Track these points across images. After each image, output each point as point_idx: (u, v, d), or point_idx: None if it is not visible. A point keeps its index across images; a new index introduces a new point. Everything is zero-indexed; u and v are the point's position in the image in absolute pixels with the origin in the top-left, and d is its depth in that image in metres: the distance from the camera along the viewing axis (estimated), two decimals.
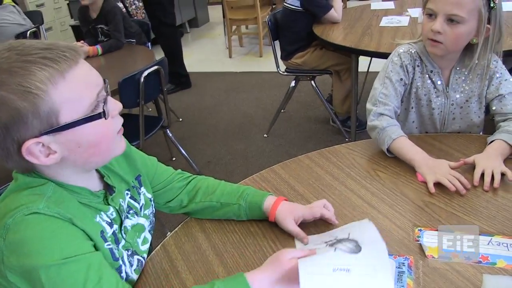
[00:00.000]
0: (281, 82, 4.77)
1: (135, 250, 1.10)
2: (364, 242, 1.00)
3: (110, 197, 1.05)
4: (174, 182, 1.30)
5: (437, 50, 1.53)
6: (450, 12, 1.44)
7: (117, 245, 1.04)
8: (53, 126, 0.86)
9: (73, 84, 0.87)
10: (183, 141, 3.76)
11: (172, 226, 1.28)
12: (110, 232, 1.02)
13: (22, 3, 5.75)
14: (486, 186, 1.29)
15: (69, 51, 0.87)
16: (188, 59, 5.64)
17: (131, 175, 1.17)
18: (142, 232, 1.16)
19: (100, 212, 1.01)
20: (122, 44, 3.40)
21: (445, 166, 1.35)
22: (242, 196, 1.23)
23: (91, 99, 0.89)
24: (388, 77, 1.61)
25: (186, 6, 7.31)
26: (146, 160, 1.25)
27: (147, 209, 1.19)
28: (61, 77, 0.85)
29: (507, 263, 1.02)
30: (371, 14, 3.54)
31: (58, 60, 0.85)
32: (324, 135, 3.70)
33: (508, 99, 1.54)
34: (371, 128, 1.56)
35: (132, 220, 1.12)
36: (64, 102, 0.85)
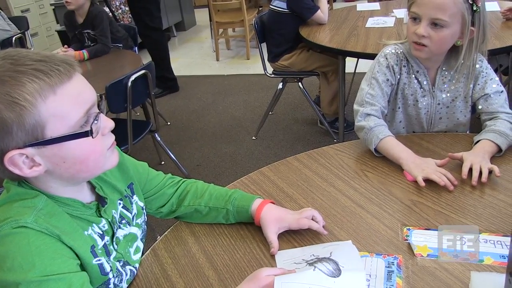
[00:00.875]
0: (268, 84, 4.78)
1: (126, 261, 1.09)
2: (345, 266, 1.01)
3: (103, 209, 1.03)
4: (165, 187, 1.29)
5: (421, 54, 1.55)
6: (434, 16, 1.46)
7: (108, 257, 1.03)
8: (38, 139, 0.85)
9: (63, 99, 0.85)
10: (171, 145, 3.76)
11: (162, 230, 1.29)
12: (101, 244, 1.01)
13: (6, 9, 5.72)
14: (474, 180, 1.30)
15: (63, 65, 0.86)
16: (175, 62, 5.64)
17: (124, 183, 1.15)
18: (135, 241, 1.15)
19: (92, 224, 1.00)
20: (108, 48, 3.39)
21: (432, 164, 1.37)
22: (230, 200, 1.23)
23: (79, 116, 0.88)
24: (374, 77, 1.62)
25: (172, 10, 7.30)
26: (137, 167, 1.23)
27: (139, 218, 1.18)
28: (51, 91, 0.84)
29: (494, 260, 1.03)
30: (357, 15, 3.56)
31: (50, 74, 0.84)
32: (312, 137, 3.71)
33: (494, 98, 1.56)
34: (359, 128, 1.57)
35: (124, 230, 1.11)
36: (52, 117, 0.84)
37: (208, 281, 1.07)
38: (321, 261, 1.03)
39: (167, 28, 7.05)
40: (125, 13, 5.76)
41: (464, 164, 1.35)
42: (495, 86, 1.58)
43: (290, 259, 1.10)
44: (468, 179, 1.32)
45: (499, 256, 1.04)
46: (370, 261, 1.06)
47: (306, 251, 1.12)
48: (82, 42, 3.48)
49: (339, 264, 1.02)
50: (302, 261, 1.06)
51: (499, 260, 1.03)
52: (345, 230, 1.19)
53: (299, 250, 1.13)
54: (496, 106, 1.55)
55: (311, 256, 1.08)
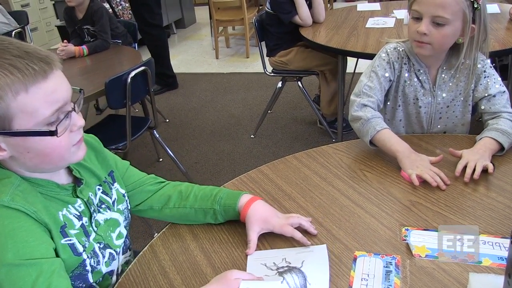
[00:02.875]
0: (268, 83, 4.78)
1: (107, 244, 1.11)
2: (312, 282, 1.01)
3: (78, 189, 1.06)
4: (145, 185, 1.29)
5: (424, 51, 1.55)
6: (435, 13, 1.46)
7: (87, 237, 1.05)
8: (5, 129, 0.87)
9: (35, 98, 0.87)
10: (170, 142, 3.76)
11: (160, 227, 1.28)
12: (78, 225, 1.02)
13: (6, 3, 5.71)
14: (467, 177, 1.31)
15: (40, 64, 0.87)
16: (175, 60, 5.64)
17: (103, 170, 1.18)
18: (117, 227, 1.17)
19: (67, 205, 1.02)
20: (108, 44, 3.38)
21: (426, 161, 1.38)
22: (216, 199, 1.21)
23: (48, 115, 0.89)
24: (374, 71, 1.63)
25: (172, 7, 7.29)
26: (117, 161, 1.25)
27: (120, 204, 1.19)
28: (24, 89, 0.85)
29: (492, 261, 1.03)
30: (357, 16, 3.56)
31: (25, 72, 0.85)
32: (311, 136, 3.71)
33: (497, 99, 1.56)
34: (355, 118, 1.57)
35: (104, 214, 1.13)
36: (20, 112, 0.86)
37: (206, 278, 1.06)
38: (291, 271, 1.03)
39: (167, 25, 7.04)
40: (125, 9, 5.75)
41: (460, 161, 1.36)
42: (498, 86, 1.58)
43: (261, 259, 1.09)
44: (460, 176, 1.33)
45: (498, 257, 1.04)
46: (368, 261, 1.06)
47: (279, 253, 1.11)
48: (82, 37, 3.47)
49: (307, 279, 1.01)
50: (273, 265, 1.06)
51: (497, 261, 1.03)
52: (343, 229, 1.18)
53: (272, 252, 1.12)
54: (499, 106, 1.55)
55: (282, 261, 1.07)
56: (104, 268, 1.09)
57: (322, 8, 3.42)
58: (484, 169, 1.33)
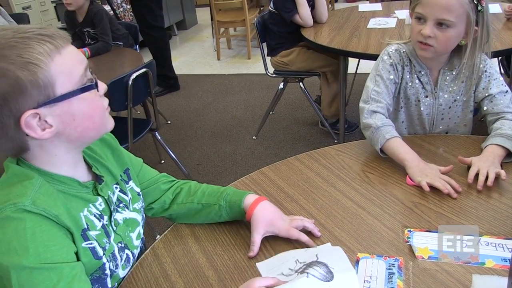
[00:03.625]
0: (269, 84, 4.78)
1: (126, 244, 1.11)
2: (335, 267, 1.01)
3: (99, 186, 1.06)
4: (159, 183, 1.30)
5: (427, 54, 1.54)
6: (440, 16, 1.46)
7: (109, 238, 1.04)
8: (50, 97, 0.89)
9: (67, 59, 0.92)
10: (171, 143, 3.76)
11: (162, 229, 1.28)
12: (99, 225, 1.02)
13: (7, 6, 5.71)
14: (480, 185, 1.29)
15: (62, 32, 0.94)
16: (176, 61, 5.63)
17: (119, 168, 1.18)
18: (137, 226, 1.17)
19: (88, 204, 1.02)
20: (110, 47, 3.38)
21: (435, 170, 1.36)
22: (222, 196, 1.22)
23: (81, 73, 0.94)
24: (379, 75, 1.62)
25: (174, 9, 7.29)
26: (131, 158, 1.26)
27: (136, 202, 1.19)
28: (57, 52, 0.90)
29: (495, 263, 1.03)
30: (359, 16, 3.55)
31: (54, 37, 0.90)
32: (313, 137, 3.71)
33: (499, 99, 1.56)
34: (365, 126, 1.56)
35: (123, 213, 1.12)
36: (59, 73, 0.90)
37: (208, 281, 1.06)
38: (311, 266, 1.02)
39: (169, 26, 7.05)
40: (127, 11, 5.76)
41: (471, 169, 1.34)
42: (500, 86, 1.57)
43: (275, 268, 1.07)
44: (473, 183, 1.32)
45: (501, 259, 1.03)
46: (371, 263, 1.06)
47: (288, 256, 1.10)
48: (83, 40, 3.47)
49: (329, 266, 1.01)
50: (290, 271, 1.04)
51: (501, 263, 1.02)
52: (345, 231, 1.18)
53: (279, 258, 1.11)
54: (502, 106, 1.54)
55: (296, 263, 1.06)
56: (121, 271, 1.08)
57: (324, 8, 3.42)
58: (497, 176, 1.31)
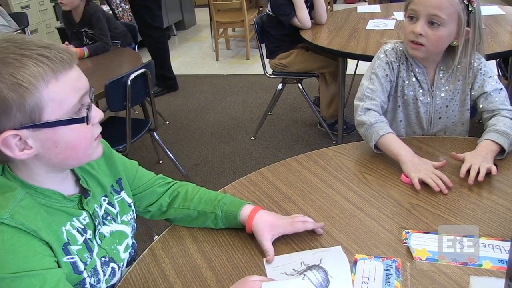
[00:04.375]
0: (268, 85, 4.78)
1: (111, 257, 1.09)
2: (333, 277, 1.01)
3: (85, 200, 1.04)
4: (155, 186, 1.28)
5: (418, 53, 1.57)
6: (432, 12, 1.48)
7: (91, 253, 1.03)
8: (35, 121, 0.87)
9: (63, 85, 0.88)
10: (170, 144, 3.76)
11: (160, 229, 1.28)
12: (80, 240, 1.01)
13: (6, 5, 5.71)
14: (471, 179, 1.31)
15: (66, 54, 0.89)
16: (175, 61, 5.63)
17: (112, 178, 1.16)
18: (125, 239, 1.15)
19: (72, 218, 1.00)
20: (109, 46, 3.38)
21: (429, 165, 1.37)
22: (219, 205, 1.21)
23: (74, 102, 0.90)
24: (374, 73, 1.64)
25: (173, 9, 7.29)
26: (126, 163, 1.24)
27: (125, 214, 1.18)
28: (54, 77, 0.87)
29: (493, 264, 1.03)
30: (358, 17, 3.56)
31: (54, 60, 0.87)
32: (311, 138, 3.71)
33: (494, 96, 1.57)
34: (359, 123, 1.57)
35: (110, 226, 1.11)
36: (51, 101, 0.87)
37: (205, 282, 1.06)
38: (311, 268, 1.03)
39: (167, 27, 7.04)
40: (125, 11, 5.76)
41: (464, 164, 1.36)
42: (494, 83, 1.59)
43: (280, 267, 1.08)
44: (466, 183, 1.33)
45: (498, 260, 1.04)
46: (369, 264, 1.06)
47: (295, 257, 1.10)
48: (81, 40, 3.47)
49: (328, 273, 1.02)
50: (293, 271, 1.05)
51: (498, 264, 1.02)
52: (343, 232, 1.18)
53: (287, 257, 1.11)
54: (497, 103, 1.56)
55: (301, 265, 1.06)
56: (104, 285, 1.07)
57: (324, 10, 3.42)
58: (488, 171, 1.32)
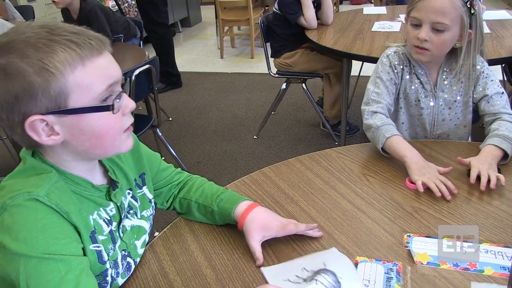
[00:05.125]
0: (272, 84, 4.77)
1: (129, 252, 1.09)
2: (343, 277, 1.01)
3: (113, 192, 1.04)
4: (173, 183, 1.30)
5: (423, 57, 1.58)
6: (435, 20, 1.49)
7: (114, 244, 1.03)
8: (61, 107, 0.87)
9: (90, 72, 0.88)
10: (172, 140, 3.76)
11: (160, 226, 1.28)
12: (106, 230, 1.01)
13: None
14: (483, 185, 1.30)
15: (96, 40, 0.90)
16: (180, 58, 5.63)
17: (136, 172, 1.16)
18: (143, 234, 1.15)
19: (99, 208, 1.01)
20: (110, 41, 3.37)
21: (434, 170, 1.37)
22: (217, 200, 1.20)
23: (102, 89, 0.90)
24: (379, 77, 1.65)
25: (178, 6, 7.29)
26: (151, 156, 1.24)
27: (145, 210, 1.18)
28: (81, 63, 0.86)
29: (494, 270, 1.02)
30: (363, 19, 3.55)
31: (82, 46, 0.87)
32: (314, 138, 3.71)
33: (495, 99, 1.58)
34: (367, 127, 1.58)
35: (131, 220, 1.11)
36: (77, 87, 0.86)
37: (205, 280, 1.06)
38: (319, 273, 1.02)
39: (173, 23, 7.04)
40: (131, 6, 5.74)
41: (472, 170, 1.35)
42: (496, 87, 1.60)
43: (281, 274, 1.05)
44: (469, 188, 1.33)
45: (500, 267, 1.03)
46: (370, 267, 1.06)
47: (295, 264, 1.08)
48: None
49: (337, 275, 1.01)
50: (297, 278, 1.03)
51: (500, 271, 1.02)
52: (345, 234, 1.18)
53: (287, 264, 1.09)
54: (498, 107, 1.56)
55: (303, 270, 1.05)
56: (120, 280, 1.06)
57: (331, 10, 3.42)
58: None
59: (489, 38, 2.69)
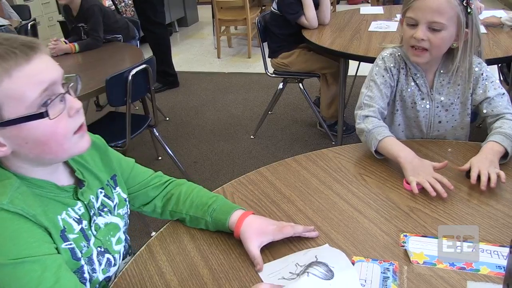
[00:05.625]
0: (269, 83, 4.77)
1: (106, 248, 1.09)
2: (335, 266, 1.00)
3: (80, 191, 1.04)
4: (149, 187, 1.27)
5: (421, 59, 1.56)
6: (431, 19, 1.48)
7: (88, 241, 1.03)
8: None
9: (19, 81, 0.85)
10: (169, 140, 3.75)
11: (157, 226, 1.28)
12: (77, 229, 1.01)
13: None
14: (483, 185, 1.29)
15: (21, 48, 0.86)
16: (176, 58, 5.62)
17: (107, 174, 1.16)
18: (117, 231, 1.15)
19: (67, 207, 1.01)
20: (100, 43, 3.37)
21: (428, 168, 1.36)
22: (208, 211, 1.19)
23: (34, 96, 0.87)
24: (372, 80, 1.64)
25: (175, 5, 7.29)
26: (121, 161, 1.23)
27: (121, 208, 1.18)
28: (6, 74, 0.84)
29: (490, 270, 1.03)
30: (360, 19, 3.56)
31: (5, 57, 0.84)
32: (311, 138, 3.71)
33: (497, 101, 1.57)
34: (359, 131, 1.58)
35: (105, 218, 1.11)
36: (7, 98, 0.85)
37: (202, 280, 1.06)
38: (311, 265, 1.01)
39: (169, 23, 7.04)
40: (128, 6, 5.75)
41: (472, 170, 1.34)
42: (496, 88, 1.59)
43: (275, 273, 1.06)
44: (465, 187, 1.33)
45: (496, 266, 1.03)
46: (366, 267, 1.06)
47: (288, 260, 1.09)
48: (79, 35, 3.46)
49: (329, 265, 1.01)
50: (290, 275, 1.04)
51: (495, 270, 1.02)
52: (341, 234, 1.18)
53: (280, 262, 1.09)
54: (501, 108, 1.56)
55: (296, 266, 1.05)
56: (101, 275, 1.06)
57: (328, 11, 3.42)
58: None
59: (486, 38, 2.70)
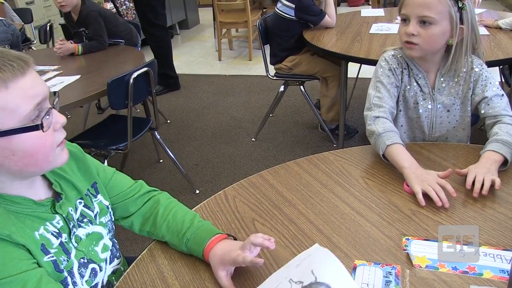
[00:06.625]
0: (270, 86, 4.78)
1: (91, 259, 1.08)
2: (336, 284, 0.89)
3: (58, 204, 1.03)
4: (129, 198, 1.25)
5: (413, 52, 1.59)
6: (421, 14, 1.51)
7: (68, 255, 1.02)
8: None
9: (14, 93, 0.86)
10: (170, 143, 3.75)
11: None
12: (56, 243, 1.00)
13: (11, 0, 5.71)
14: (476, 192, 1.29)
15: (17, 61, 0.88)
16: (177, 60, 5.63)
17: (86, 182, 1.15)
18: (100, 240, 1.14)
19: (45, 222, 0.99)
20: (104, 46, 3.37)
21: (433, 176, 1.35)
22: (183, 240, 1.13)
23: (29, 110, 0.88)
24: (379, 81, 1.65)
25: (176, 8, 7.30)
26: (100, 169, 1.22)
27: (103, 216, 1.17)
28: (3, 85, 0.85)
29: (493, 274, 1.02)
30: (361, 21, 3.56)
31: (3, 69, 0.85)
32: (312, 141, 3.70)
33: (495, 102, 1.57)
34: (369, 133, 1.57)
35: (86, 228, 1.10)
36: (2, 110, 0.85)
37: (204, 284, 1.06)
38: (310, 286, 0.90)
39: (171, 26, 7.05)
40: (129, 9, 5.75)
41: (469, 175, 1.34)
42: (495, 89, 1.59)
43: None
44: (468, 191, 1.32)
45: (499, 270, 1.03)
46: (368, 270, 1.05)
47: (280, 277, 0.98)
48: (82, 39, 3.46)
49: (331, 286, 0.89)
50: None
51: (499, 274, 1.02)
52: (343, 237, 1.18)
53: (273, 279, 0.99)
54: (499, 109, 1.56)
55: (291, 283, 0.93)
56: (86, 287, 1.06)
57: (333, 12, 3.42)
58: (492, 184, 1.31)
59: (487, 40, 2.70)
